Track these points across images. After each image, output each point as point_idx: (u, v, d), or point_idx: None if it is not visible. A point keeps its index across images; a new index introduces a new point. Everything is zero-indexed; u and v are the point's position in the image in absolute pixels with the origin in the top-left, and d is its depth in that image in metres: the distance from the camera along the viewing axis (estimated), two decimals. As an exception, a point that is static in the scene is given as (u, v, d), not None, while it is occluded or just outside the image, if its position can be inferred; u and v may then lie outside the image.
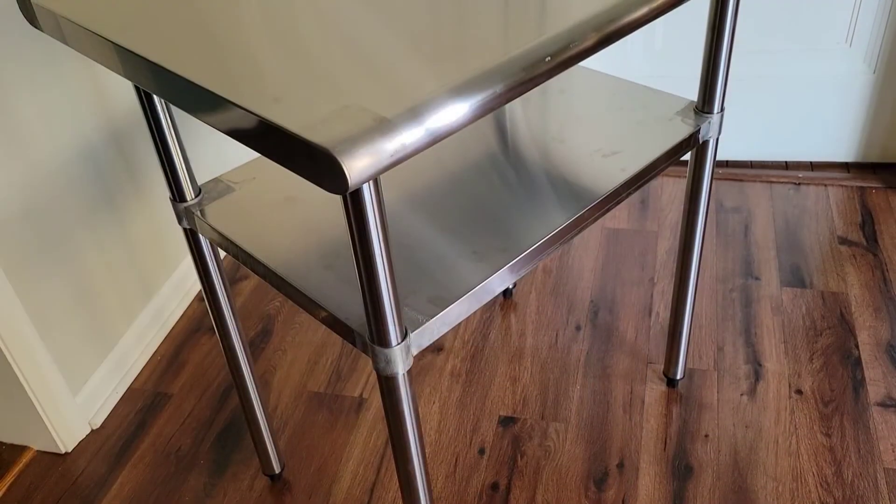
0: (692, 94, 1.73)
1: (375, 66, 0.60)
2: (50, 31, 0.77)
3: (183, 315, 1.55)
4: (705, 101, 1.01)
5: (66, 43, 0.76)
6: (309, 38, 0.65)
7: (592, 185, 0.91)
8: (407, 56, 0.61)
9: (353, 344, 0.77)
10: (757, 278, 1.48)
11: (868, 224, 1.58)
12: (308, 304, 0.81)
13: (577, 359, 1.37)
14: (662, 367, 1.33)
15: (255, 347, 1.46)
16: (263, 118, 0.55)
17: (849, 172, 1.72)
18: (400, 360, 0.73)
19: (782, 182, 1.72)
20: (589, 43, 0.65)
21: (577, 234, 0.93)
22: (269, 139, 0.56)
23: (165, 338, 1.50)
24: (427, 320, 0.75)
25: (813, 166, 1.75)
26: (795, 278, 1.47)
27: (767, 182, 1.73)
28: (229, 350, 1.09)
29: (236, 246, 0.88)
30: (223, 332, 1.06)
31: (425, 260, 0.83)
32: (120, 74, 0.71)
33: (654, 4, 0.69)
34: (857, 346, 1.32)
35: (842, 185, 1.69)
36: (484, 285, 0.79)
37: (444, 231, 0.86)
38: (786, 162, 1.77)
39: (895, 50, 1.58)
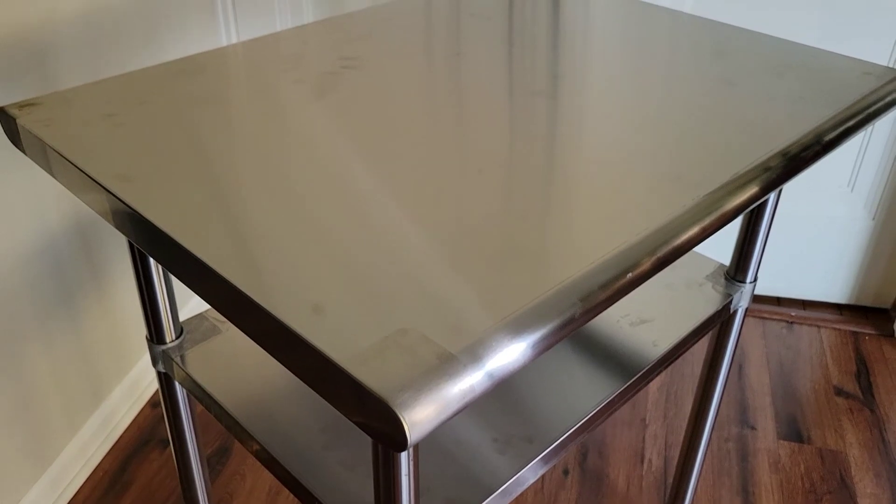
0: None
1: (426, 272, 0.51)
2: (36, 159, 0.66)
3: (133, 422, 1.40)
4: (738, 269, 0.94)
5: (53, 176, 0.65)
6: (340, 228, 0.56)
7: (623, 361, 0.83)
8: (463, 260, 0.52)
9: (355, 550, 0.66)
10: (753, 427, 1.41)
11: (863, 375, 1.53)
12: (302, 493, 0.69)
13: (565, 508, 1.26)
14: (656, 525, 1.24)
15: (212, 469, 1.32)
16: (304, 338, 0.45)
17: (841, 315, 1.68)
18: (412, 582, 0.62)
19: (775, 319, 1.67)
20: (668, 250, 0.57)
21: (607, 419, 0.84)
22: (304, 360, 0.46)
23: (111, 449, 1.35)
24: (444, 532, 0.65)
25: (805, 305, 1.71)
26: (792, 431, 1.41)
27: (760, 318, 1.68)
28: (185, 473, 0.95)
29: (219, 405, 0.77)
30: (181, 454, 0.92)
31: (438, 447, 0.72)
32: (113, 226, 0.60)
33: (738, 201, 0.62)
34: (859, 517, 1.25)
35: (835, 328, 1.65)
36: (509, 485, 0.70)
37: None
38: (778, 298, 1.73)
39: None
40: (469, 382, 0.44)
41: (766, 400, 1.47)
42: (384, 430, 0.42)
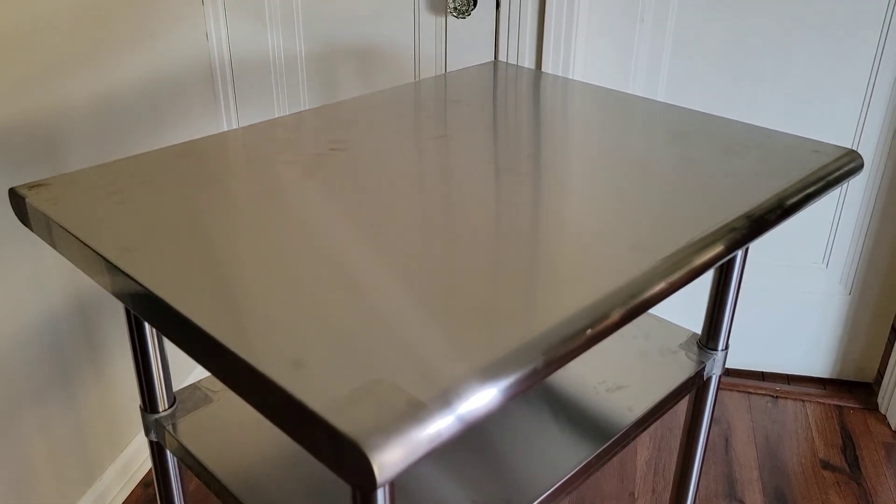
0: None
1: (402, 329, 0.56)
2: (42, 235, 0.72)
3: (124, 503, 1.41)
4: (709, 337, 0.98)
5: (57, 250, 0.70)
6: (324, 291, 0.61)
7: (600, 426, 0.86)
8: (437, 318, 0.57)
9: None
10: (741, 501, 1.42)
11: (849, 448, 1.54)
12: (288, 554, 0.72)
13: (555, 585, 1.26)
14: None
15: (202, 547, 1.32)
16: (285, 390, 0.49)
17: (825, 389, 1.71)
18: None
19: (760, 393, 1.70)
20: (627, 309, 0.61)
21: (584, 482, 0.87)
22: (283, 410, 0.50)
23: (101, 529, 1.35)
24: (424, 590, 0.67)
25: (789, 379, 1.74)
26: (780, 504, 1.41)
27: (745, 392, 1.70)
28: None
29: (208, 472, 0.79)
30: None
31: (421, 508, 0.75)
32: (112, 294, 0.65)
33: (698, 262, 0.67)
34: (849, 590, 1.25)
35: (819, 402, 1.67)
36: (486, 545, 0.72)
37: (437, 471, 0.79)
38: (762, 373, 1.76)
39: (870, 273, 1.61)
40: (436, 428, 0.48)
41: (754, 474, 1.48)
42: (355, 472, 0.46)
